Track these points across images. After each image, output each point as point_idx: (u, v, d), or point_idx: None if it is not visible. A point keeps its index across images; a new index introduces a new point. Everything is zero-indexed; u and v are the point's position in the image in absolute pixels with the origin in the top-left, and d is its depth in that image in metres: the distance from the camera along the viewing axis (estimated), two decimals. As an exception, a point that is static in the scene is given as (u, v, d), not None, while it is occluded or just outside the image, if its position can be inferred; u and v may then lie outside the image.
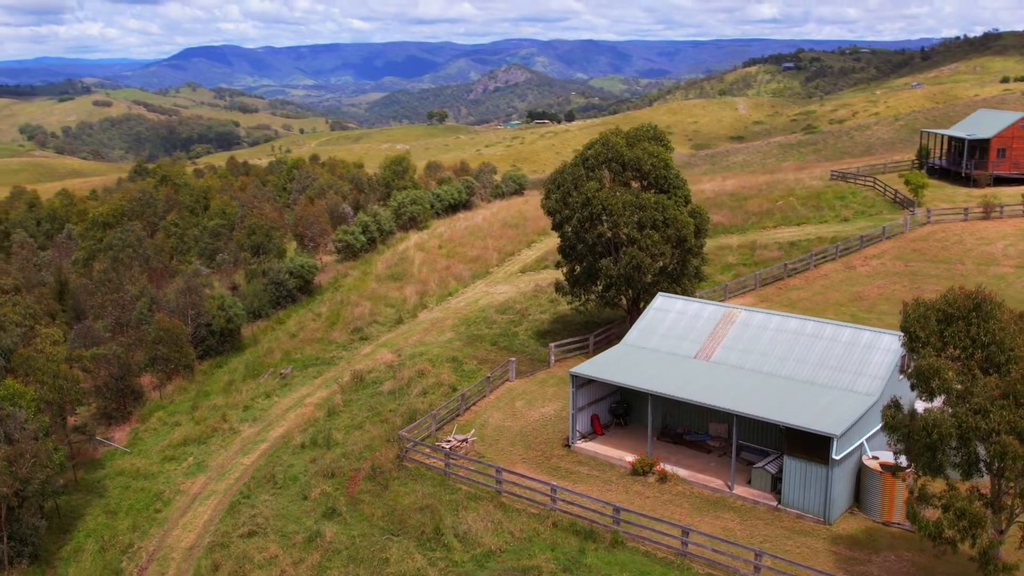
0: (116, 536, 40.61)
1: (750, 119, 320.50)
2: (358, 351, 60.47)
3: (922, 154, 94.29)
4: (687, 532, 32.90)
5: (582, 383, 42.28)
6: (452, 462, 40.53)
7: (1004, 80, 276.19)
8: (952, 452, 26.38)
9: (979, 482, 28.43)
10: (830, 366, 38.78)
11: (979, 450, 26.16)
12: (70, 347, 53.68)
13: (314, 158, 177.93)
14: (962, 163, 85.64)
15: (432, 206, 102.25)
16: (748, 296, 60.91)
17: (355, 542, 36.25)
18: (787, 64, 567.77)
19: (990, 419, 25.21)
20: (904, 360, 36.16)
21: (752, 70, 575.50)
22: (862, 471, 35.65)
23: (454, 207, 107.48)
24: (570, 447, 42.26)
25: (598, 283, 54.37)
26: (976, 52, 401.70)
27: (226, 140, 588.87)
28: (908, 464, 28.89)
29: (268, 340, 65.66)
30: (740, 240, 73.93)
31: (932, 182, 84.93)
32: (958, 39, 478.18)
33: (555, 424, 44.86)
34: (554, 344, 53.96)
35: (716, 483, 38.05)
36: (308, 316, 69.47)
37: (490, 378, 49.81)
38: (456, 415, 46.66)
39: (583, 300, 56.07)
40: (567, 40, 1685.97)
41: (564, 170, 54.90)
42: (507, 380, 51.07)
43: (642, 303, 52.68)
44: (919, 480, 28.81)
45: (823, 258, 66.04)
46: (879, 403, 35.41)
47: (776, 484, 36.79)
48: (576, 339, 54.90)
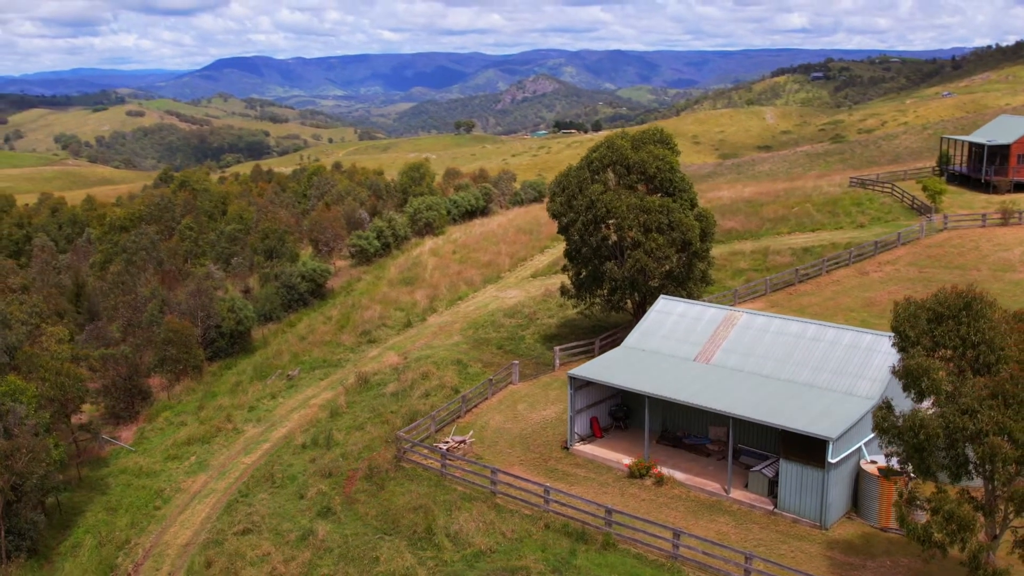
0: (114, 532, 40.93)
1: (777, 129, 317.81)
2: (365, 354, 60.58)
3: (943, 160, 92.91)
4: (678, 535, 32.57)
5: (580, 385, 42.02)
6: (448, 463, 40.42)
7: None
8: (940, 454, 25.82)
9: (974, 487, 27.88)
10: (830, 369, 38.29)
11: (968, 452, 25.59)
12: (81, 347, 54.30)
13: (337, 166, 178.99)
14: (982, 169, 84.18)
15: (449, 212, 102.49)
16: (758, 301, 60.28)
17: (347, 541, 36.28)
18: (816, 74, 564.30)
19: (978, 420, 24.62)
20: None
21: (781, 80, 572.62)
22: (860, 475, 35.06)
23: (471, 213, 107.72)
24: (568, 449, 42.00)
25: (603, 287, 54.04)
26: (1008, 61, 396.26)
27: (256, 150, 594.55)
28: (900, 467, 28.37)
29: (278, 342, 66.00)
30: (753, 246, 73.24)
31: (951, 188, 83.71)
32: (990, 48, 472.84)
33: (555, 427, 44.60)
34: (559, 348, 53.65)
35: (713, 486, 37.62)
36: (319, 319, 69.76)
37: (492, 381, 49.63)
38: (457, 417, 46.53)
39: (588, 304, 55.74)
40: (595, 50, 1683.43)
41: (569, 173, 54.61)
42: (510, 383, 50.86)
43: (648, 307, 52.27)
44: (910, 483, 28.28)
45: (836, 264, 65.24)
46: (879, 406, 34.77)
47: (773, 488, 36.29)
48: (582, 343, 54.57)
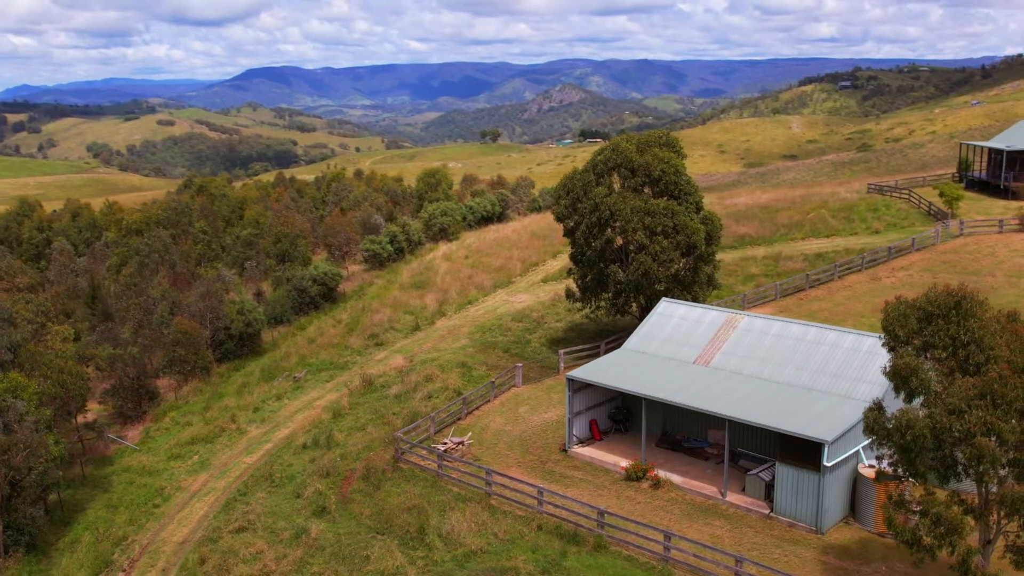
0: (112, 529, 41.23)
1: (804, 137, 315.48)
2: (372, 356, 60.68)
3: (962, 167, 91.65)
4: (669, 537, 32.19)
5: (579, 387, 41.74)
6: (445, 464, 40.30)
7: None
8: (928, 455, 25.30)
9: (969, 492, 27.33)
10: (830, 372, 37.74)
11: (956, 453, 25.05)
12: (90, 347, 54.82)
13: (358, 173, 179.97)
14: (1000, 175, 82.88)
15: (464, 218, 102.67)
16: (768, 306, 59.68)
17: (340, 540, 36.26)
18: (843, 83, 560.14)
19: (965, 420, 24.09)
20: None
21: (808, 89, 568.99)
22: (857, 479, 34.47)
23: (487, 219, 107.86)
24: (567, 452, 41.72)
25: (608, 290, 53.71)
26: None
27: (284, 158, 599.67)
28: (891, 469, 27.86)
29: (287, 345, 66.30)
30: (766, 251, 72.58)
31: (969, 194, 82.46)
32: (1020, 56, 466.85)
33: (556, 430, 44.33)
34: (564, 351, 53.41)
35: (710, 490, 37.18)
36: (328, 322, 69.99)
37: (495, 383, 49.48)
38: (457, 419, 46.41)
39: (594, 307, 55.41)
40: (621, 60, 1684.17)
41: (574, 176, 54.38)
42: (513, 386, 50.70)
43: (653, 310, 51.92)
44: (900, 486, 27.76)
45: (848, 269, 64.45)
46: (878, 410, 34.22)
47: (770, 492, 35.79)
48: (587, 346, 54.29)
